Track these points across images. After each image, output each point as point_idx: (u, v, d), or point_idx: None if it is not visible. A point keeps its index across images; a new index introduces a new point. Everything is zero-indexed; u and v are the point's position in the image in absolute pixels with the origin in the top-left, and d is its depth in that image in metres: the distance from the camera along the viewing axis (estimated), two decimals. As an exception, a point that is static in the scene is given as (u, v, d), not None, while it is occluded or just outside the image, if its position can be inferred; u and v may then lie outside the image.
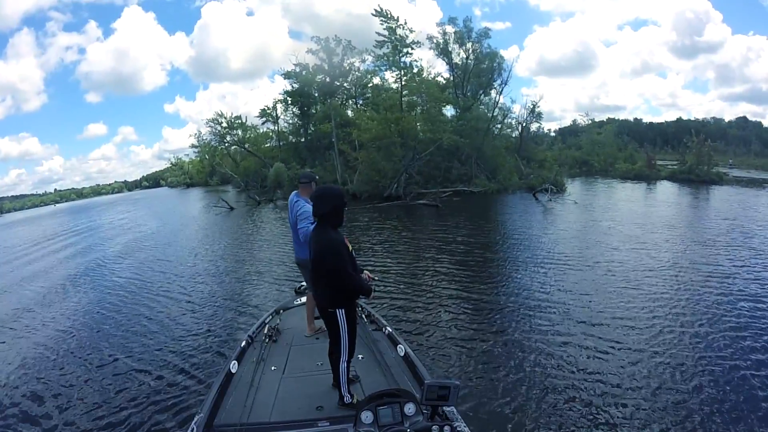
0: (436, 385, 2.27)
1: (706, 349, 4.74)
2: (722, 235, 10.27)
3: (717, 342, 4.89)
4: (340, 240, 2.68)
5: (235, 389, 3.08)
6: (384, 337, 3.85)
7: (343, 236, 2.76)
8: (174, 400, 4.18)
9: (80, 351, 5.69)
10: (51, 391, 4.60)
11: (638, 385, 4.07)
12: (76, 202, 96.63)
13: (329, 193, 2.75)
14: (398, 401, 2.33)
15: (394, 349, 3.57)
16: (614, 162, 32.44)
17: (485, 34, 25.75)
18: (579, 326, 5.48)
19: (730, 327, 5.24)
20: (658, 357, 4.58)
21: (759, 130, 67.08)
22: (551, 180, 19.84)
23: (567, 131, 55.30)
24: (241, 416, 2.71)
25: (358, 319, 3.96)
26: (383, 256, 10.14)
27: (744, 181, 26.06)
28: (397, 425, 2.26)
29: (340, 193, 2.79)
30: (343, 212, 2.79)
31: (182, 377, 4.65)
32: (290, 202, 3.89)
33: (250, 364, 3.39)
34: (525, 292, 6.96)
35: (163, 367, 4.96)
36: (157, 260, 11.67)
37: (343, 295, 2.73)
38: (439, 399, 2.28)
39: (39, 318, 7.48)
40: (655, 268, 7.77)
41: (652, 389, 4.00)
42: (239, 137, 35.65)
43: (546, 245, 10.27)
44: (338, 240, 2.66)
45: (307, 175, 3.97)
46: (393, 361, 3.40)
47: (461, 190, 21.38)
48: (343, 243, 2.70)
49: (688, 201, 18.19)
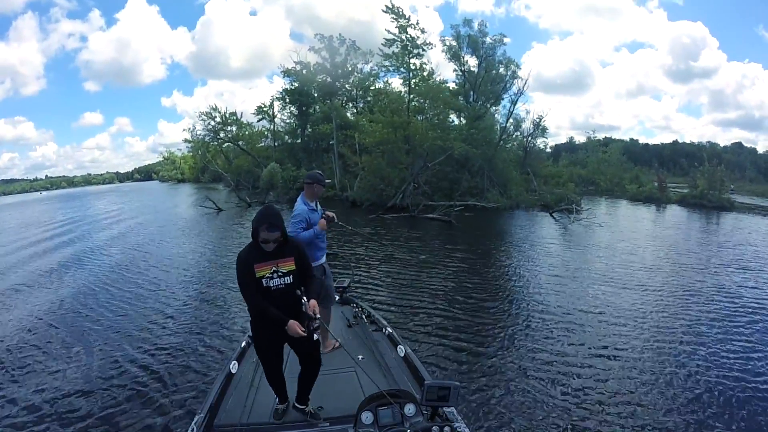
0: (436, 386, 2.25)
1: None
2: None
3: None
4: (241, 258, 2.54)
5: (235, 389, 3.10)
6: (384, 338, 3.87)
7: (247, 254, 2.55)
8: (174, 401, 4.17)
9: (78, 351, 5.54)
10: (47, 392, 4.49)
11: (639, 390, 4.13)
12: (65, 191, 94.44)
13: (257, 213, 2.59)
14: (398, 402, 2.32)
15: (394, 350, 3.59)
16: (620, 182, 31.48)
17: (500, 40, 24.43)
18: (584, 335, 5.51)
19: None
20: (661, 366, 4.63)
21: (754, 157, 67.99)
22: (568, 199, 18.44)
23: (563, 148, 54.96)
24: (241, 416, 2.73)
25: (358, 319, 4.31)
26: (390, 265, 9.80)
27: (755, 208, 25.24)
28: (397, 426, 2.25)
29: (255, 221, 2.52)
30: (257, 235, 2.52)
31: (182, 377, 4.62)
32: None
33: (250, 364, 3.37)
34: (533, 303, 6.92)
35: (163, 367, 4.91)
36: (148, 259, 11.40)
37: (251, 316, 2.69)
38: (439, 400, 2.26)
39: (26, 312, 7.31)
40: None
41: (652, 394, 4.06)
42: (233, 134, 33.88)
43: (571, 266, 9.67)
44: (239, 258, 2.54)
45: (309, 174, 3.75)
46: (393, 361, 3.40)
47: (473, 205, 19.70)
48: (242, 262, 2.52)
49: (715, 229, 16.78)
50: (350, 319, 4.32)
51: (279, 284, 2.56)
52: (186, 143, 34.80)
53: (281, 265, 2.57)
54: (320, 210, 3.88)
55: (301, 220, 3.61)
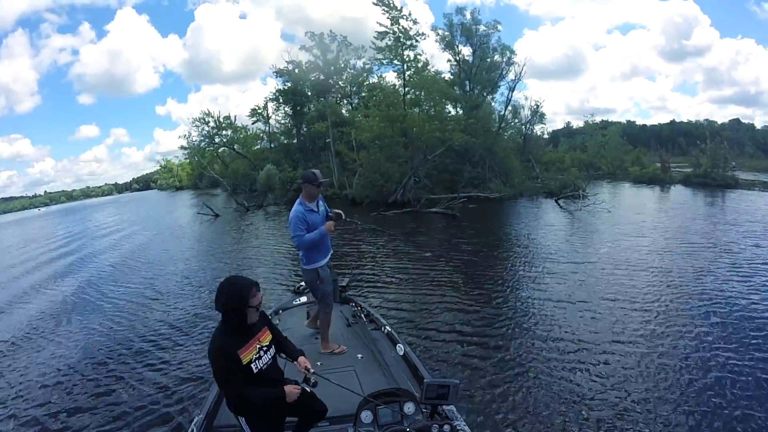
0: (435, 384, 2.25)
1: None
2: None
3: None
4: (220, 349, 1.99)
5: None
6: (383, 337, 3.85)
7: (225, 341, 2.01)
8: (173, 402, 4.15)
9: (79, 353, 5.60)
10: (47, 391, 4.58)
11: (642, 389, 3.99)
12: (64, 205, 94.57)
13: (224, 285, 2.05)
14: (398, 400, 2.30)
15: (393, 349, 3.57)
16: (621, 164, 31.10)
17: (494, 27, 23.93)
18: (586, 334, 5.26)
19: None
20: (667, 366, 4.39)
21: (752, 132, 67.71)
22: (575, 185, 18.05)
23: (561, 133, 54.51)
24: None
25: (357, 318, 4.29)
26: (393, 262, 9.64)
27: (759, 184, 24.88)
28: (396, 424, 2.21)
29: (237, 292, 2.02)
30: (241, 314, 2.05)
31: (182, 379, 4.61)
32: None
33: None
34: (539, 297, 6.66)
35: (163, 369, 4.91)
36: (147, 267, 11.45)
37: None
38: (438, 398, 2.26)
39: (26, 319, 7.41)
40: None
41: (657, 395, 3.90)
42: (228, 138, 33.40)
43: (580, 255, 9.30)
44: (217, 350, 1.99)
45: (302, 174, 3.58)
46: (392, 360, 3.39)
47: (475, 196, 19.27)
48: (223, 354, 1.98)
49: (723, 207, 16.30)
50: (349, 318, 4.30)
51: (267, 361, 2.17)
52: (182, 150, 34.26)
53: (262, 339, 2.18)
54: (324, 210, 3.60)
55: (299, 221, 3.40)
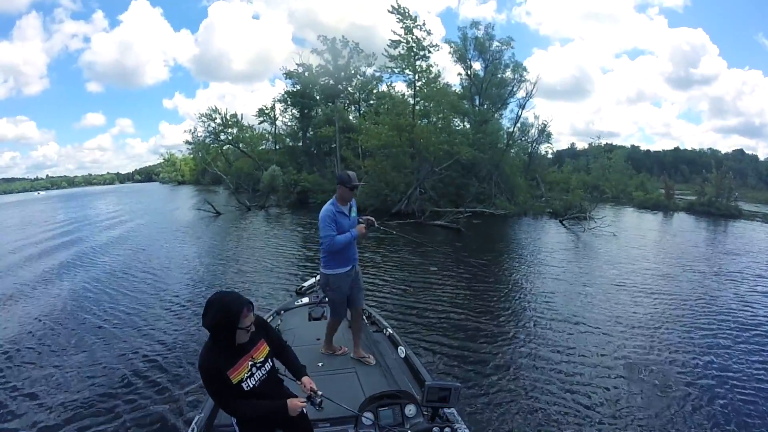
0: (436, 387, 2.24)
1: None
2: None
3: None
4: (208, 369, 1.93)
5: None
6: (385, 339, 3.86)
7: (214, 361, 1.94)
8: (174, 400, 4.15)
9: (77, 352, 5.50)
10: (46, 392, 4.49)
11: (642, 394, 4.06)
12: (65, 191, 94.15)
13: (213, 302, 1.98)
14: (399, 402, 2.31)
15: (394, 351, 3.58)
16: (625, 189, 31.06)
17: (508, 43, 23.99)
18: (589, 349, 5.29)
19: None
20: (667, 387, 4.38)
21: (755, 164, 67.91)
22: (581, 207, 17.93)
23: (565, 154, 54.69)
24: None
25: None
26: (396, 270, 9.68)
27: (763, 216, 24.83)
28: (397, 426, 2.22)
29: (226, 310, 1.91)
30: (230, 334, 1.94)
31: (182, 378, 4.60)
32: None
33: None
34: (542, 311, 6.71)
35: (163, 368, 4.89)
36: (147, 261, 11.31)
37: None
38: (439, 401, 2.24)
39: (25, 313, 7.29)
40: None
41: (655, 400, 3.97)
42: (234, 136, 33.29)
43: (583, 275, 9.33)
44: (205, 370, 1.93)
45: (337, 175, 3.44)
46: (394, 362, 3.39)
47: (481, 212, 19.13)
48: (211, 374, 1.93)
49: (726, 237, 16.10)
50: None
51: (261, 377, 2.06)
52: (187, 145, 34.11)
53: (256, 355, 2.07)
54: (355, 216, 3.47)
55: (330, 220, 3.23)
